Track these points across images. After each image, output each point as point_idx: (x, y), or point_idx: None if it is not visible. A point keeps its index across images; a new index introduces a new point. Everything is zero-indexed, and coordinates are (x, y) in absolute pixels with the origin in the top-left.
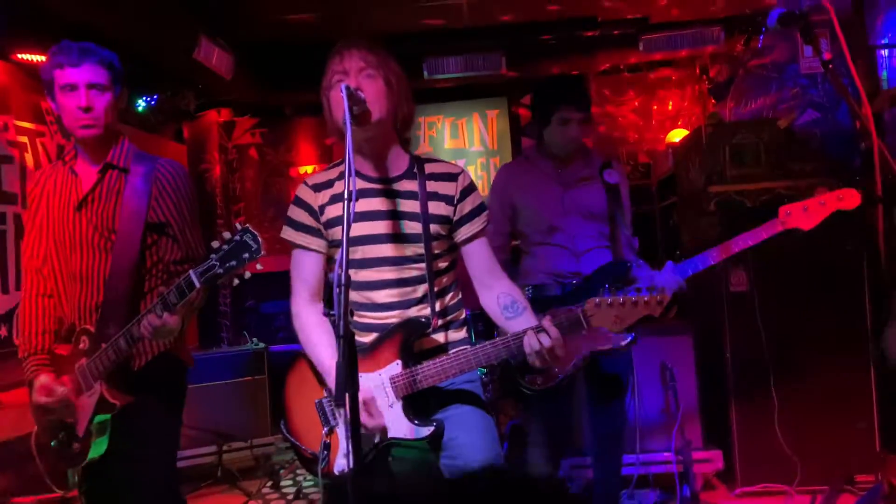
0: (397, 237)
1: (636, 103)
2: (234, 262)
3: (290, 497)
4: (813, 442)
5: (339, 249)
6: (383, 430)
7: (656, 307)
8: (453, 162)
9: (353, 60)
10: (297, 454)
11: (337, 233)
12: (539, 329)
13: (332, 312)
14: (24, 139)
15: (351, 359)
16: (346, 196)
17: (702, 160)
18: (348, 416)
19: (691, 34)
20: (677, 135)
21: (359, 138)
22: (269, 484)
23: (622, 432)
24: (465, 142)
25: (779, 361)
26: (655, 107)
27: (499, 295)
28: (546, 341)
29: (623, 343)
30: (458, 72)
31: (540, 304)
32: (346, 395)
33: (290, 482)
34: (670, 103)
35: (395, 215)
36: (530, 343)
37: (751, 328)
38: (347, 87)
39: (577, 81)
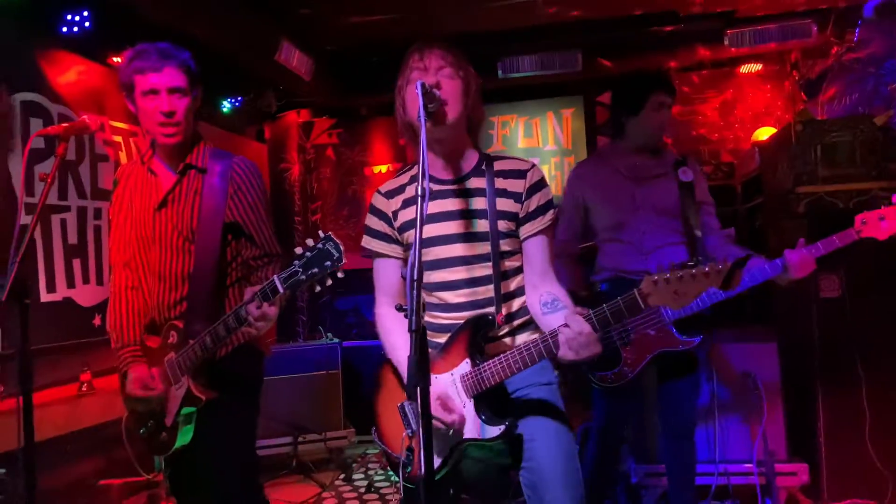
0: (466, 236)
1: (720, 100)
2: (316, 270)
3: (362, 490)
4: None
5: (412, 249)
6: (460, 428)
7: (717, 278)
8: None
9: (433, 58)
10: (388, 459)
11: (410, 237)
12: (566, 324)
13: (404, 308)
14: (119, 139)
15: (422, 353)
16: (419, 193)
17: (791, 159)
18: (419, 409)
19: (781, 28)
20: (764, 133)
21: (431, 138)
22: (342, 476)
23: (692, 423)
24: (539, 141)
25: (871, 371)
26: (740, 104)
27: (542, 293)
28: (569, 333)
29: (693, 344)
30: (534, 70)
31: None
32: (418, 388)
33: (361, 475)
34: (757, 99)
35: (463, 214)
36: (563, 337)
37: (842, 336)
38: (423, 85)
39: (665, 71)
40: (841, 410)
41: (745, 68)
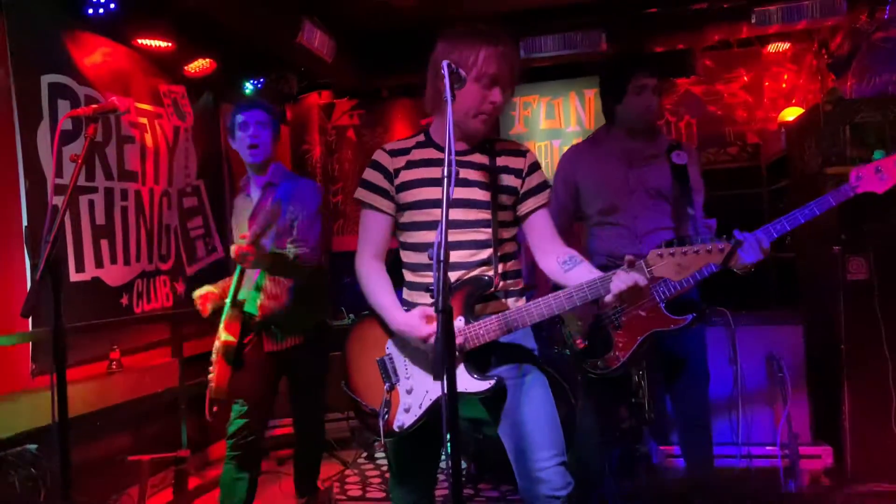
0: (465, 202)
1: (746, 80)
2: None
3: (384, 468)
4: None
5: (437, 230)
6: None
7: (718, 255)
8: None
9: (515, 62)
10: (356, 408)
11: (407, 196)
12: (629, 269)
13: (431, 288)
14: (144, 121)
15: (449, 334)
16: (445, 173)
17: (819, 140)
18: (445, 389)
19: (810, 5)
20: (791, 113)
21: (458, 120)
22: (365, 455)
23: (706, 419)
24: (561, 122)
25: None
26: (767, 83)
27: (557, 255)
28: (641, 280)
29: (683, 323)
30: (556, 51)
31: None
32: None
33: (383, 454)
34: (784, 79)
35: (465, 182)
36: (618, 283)
37: (869, 318)
38: (450, 65)
39: (648, 52)
40: (866, 393)
41: (772, 47)
